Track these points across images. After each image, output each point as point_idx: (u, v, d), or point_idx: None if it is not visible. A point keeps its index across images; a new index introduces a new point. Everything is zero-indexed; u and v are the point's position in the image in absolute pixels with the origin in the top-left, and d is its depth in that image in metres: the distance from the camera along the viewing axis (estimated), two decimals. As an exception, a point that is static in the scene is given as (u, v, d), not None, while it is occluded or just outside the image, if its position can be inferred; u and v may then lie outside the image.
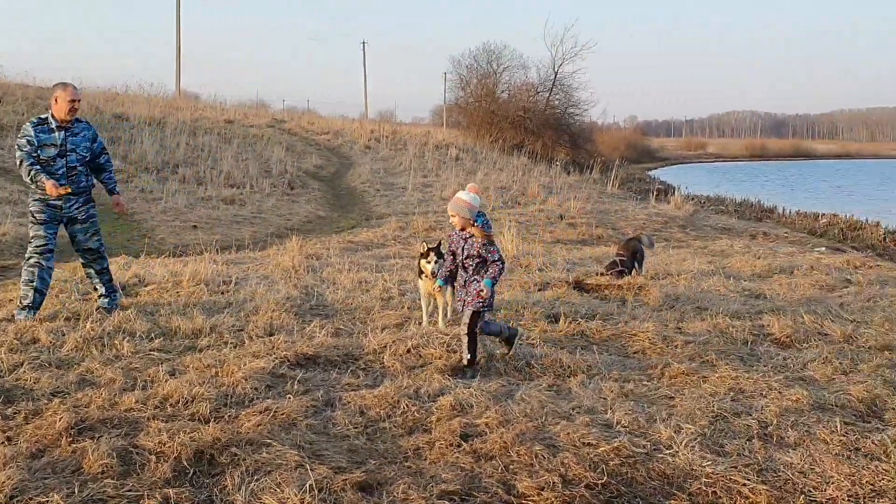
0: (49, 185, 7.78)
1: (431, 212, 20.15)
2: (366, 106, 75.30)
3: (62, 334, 7.31)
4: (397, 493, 4.35)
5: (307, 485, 4.29)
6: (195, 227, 16.98)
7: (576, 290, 9.91)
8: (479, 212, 6.85)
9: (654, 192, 27.48)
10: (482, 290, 6.63)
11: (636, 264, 11.12)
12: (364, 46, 79.65)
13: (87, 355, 6.82)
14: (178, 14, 51.81)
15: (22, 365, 6.44)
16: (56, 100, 8.02)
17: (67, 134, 8.10)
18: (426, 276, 7.92)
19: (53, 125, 8.05)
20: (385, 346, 7.05)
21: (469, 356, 6.63)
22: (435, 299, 8.14)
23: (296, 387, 6.06)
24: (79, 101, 8.19)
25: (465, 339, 6.65)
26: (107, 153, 8.64)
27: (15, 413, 5.44)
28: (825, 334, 8.00)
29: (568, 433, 5.11)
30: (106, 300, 8.43)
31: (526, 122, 44.60)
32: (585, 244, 16.13)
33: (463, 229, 6.86)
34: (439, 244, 8.13)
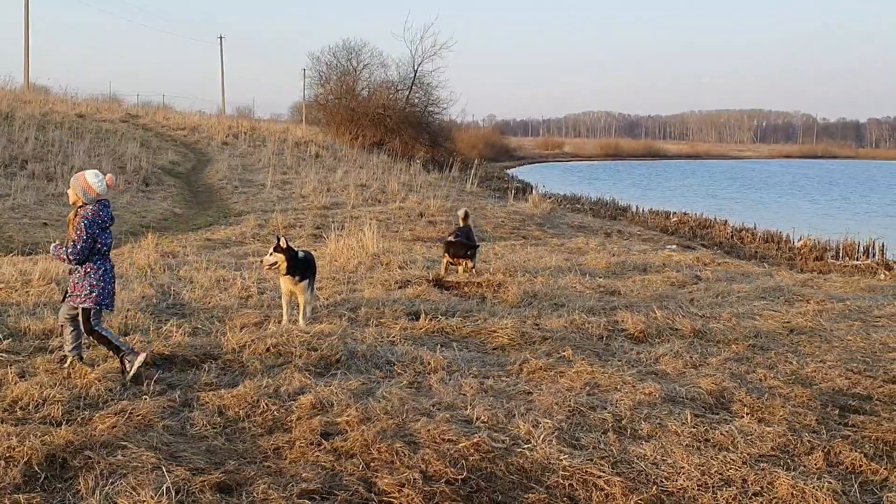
0: None
1: (291, 209, 20.00)
2: (223, 102, 73.86)
3: None
4: (257, 494, 4.32)
5: (164, 487, 4.22)
6: (45, 224, 16.36)
7: (436, 288, 10.00)
8: (102, 199, 6.41)
9: (513, 191, 27.97)
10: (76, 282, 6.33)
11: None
12: (221, 41, 77.91)
13: (-72, 359, 6.50)
14: (27, 4, 49.63)
15: None
16: None
17: None
18: (276, 272, 7.92)
19: None
20: (244, 345, 6.98)
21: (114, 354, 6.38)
22: (295, 297, 8.10)
23: (152, 387, 5.93)
24: None
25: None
26: None
27: None
28: (676, 329, 8.33)
29: (428, 430, 5.18)
30: None
31: (386, 120, 44.59)
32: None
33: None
34: (279, 238, 8.06)
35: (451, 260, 10.91)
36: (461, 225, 11.71)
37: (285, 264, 7.87)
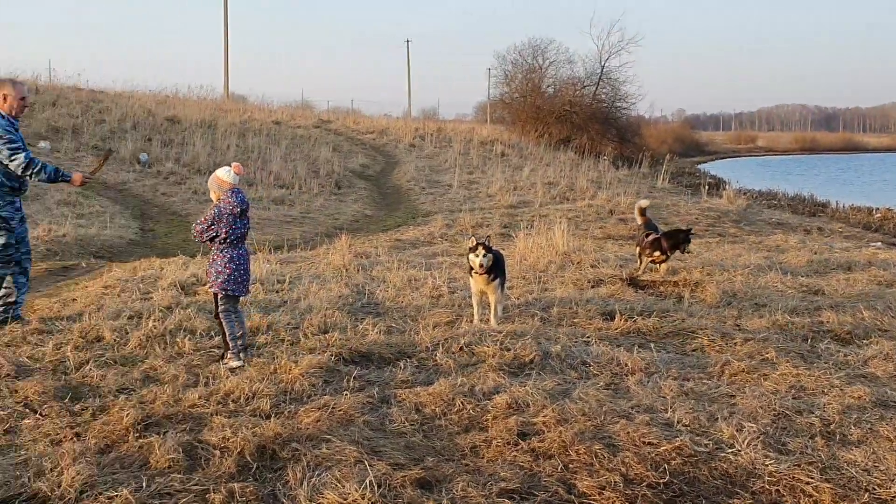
0: (79, 176, 7.80)
1: (478, 208, 20.14)
2: (409, 104, 75.73)
3: (126, 332, 7.40)
4: (457, 491, 4.33)
5: (367, 480, 4.28)
6: (247, 226, 17.10)
7: (630, 287, 9.82)
8: (234, 188, 6.74)
9: (706, 187, 27.19)
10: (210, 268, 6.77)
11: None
12: (408, 45, 79.78)
13: (151, 353, 6.91)
14: (226, 17, 52.35)
15: (88, 363, 6.54)
16: (6, 97, 7.65)
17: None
18: (476, 272, 7.91)
19: (15, 123, 7.78)
20: (438, 344, 7.05)
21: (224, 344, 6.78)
22: (486, 296, 8.12)
23: (351, 383, 6.08)
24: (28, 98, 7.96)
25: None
26: None
27: (83, 410, 5.52)
28: (885, 330, 7.87)
29: (628, 432, 5.06)
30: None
31: (572, 117, 44.37)
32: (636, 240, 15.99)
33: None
34: (488, 238, 8.10)
35: (658, 258, 10.65)
36: (639, 221, 11.49)
37: (490, 264, 7.88)
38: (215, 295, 6.72)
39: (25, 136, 8.23)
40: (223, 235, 6.62)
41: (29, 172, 7.61)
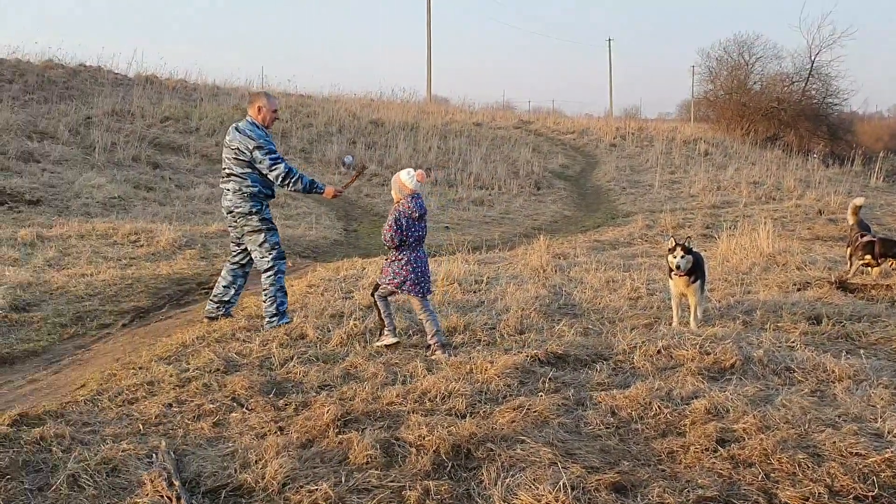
0: (331, 189, 8.13)
1: (679, 209, 19.73)
2: (610, 103, 74.56)
3: (328, 330, 7.69)
4: (652, 496, 4.27)
5: (561, 483, 4.29)
6: (447, 228, 17.49)
7: (839, 290, 9.37)
8: (414, 193, 7.15)
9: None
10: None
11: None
12: (609, 44, 78.96)
13: (351, 351, 7.15)
14: (429, 22, 53.57)
15: (292, 359, 6.85)
16: (260, 109, 8.00)
17: None
18: (675, 274, 7.77)
19: (270, 135, 8.11)
20: (635, 347, 6.96)
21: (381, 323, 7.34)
22: (685, 298, 7.96)
23: (547, 385, 6.09)
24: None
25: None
26: None
27: (286, 405, 5.79)
28: None
29: (833, 442, 4.84)
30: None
31: (779, 114, 42.76)
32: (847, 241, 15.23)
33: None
34: (688, 239, 7.94)
35: (870, 262, 10.14)
36: (850, 221, 10.93)
37: (689, 266, 7.74)
38: (383, 288, 7.21)
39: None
40: (405, 237, 7.01)
41: (287, 182, 7.94)
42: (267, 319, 8.01)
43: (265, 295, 8.05)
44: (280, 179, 7.91)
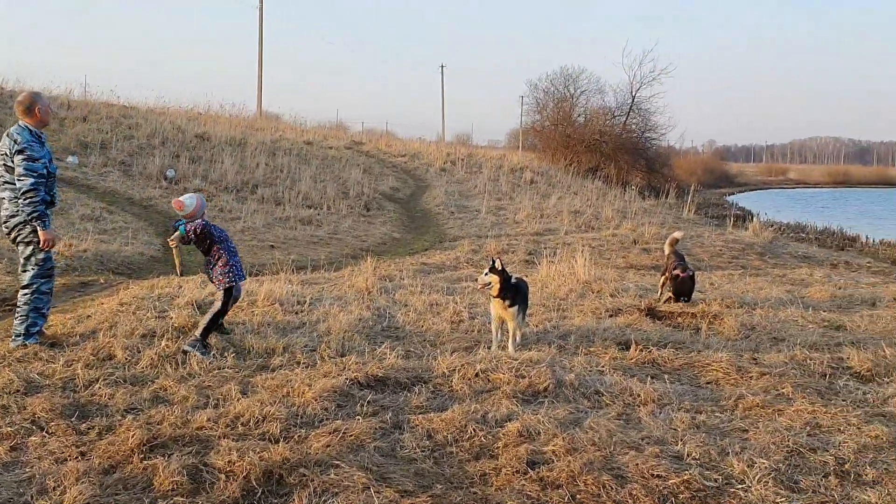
0: (48, 237, 7.54)
1: (504, 235, 20.18)
2: (443, 128, 76.07)
3: (138, 351, 7.46)
4: (463, 519, 4.34)
5: (373, 507, 4.30)
6: (272, 246, 17.27)
7: (648, 318, 9.78)
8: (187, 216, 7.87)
9: (732, 218, 27.02)
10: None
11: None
12: (442, 70, 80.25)
13: (162, 372, 6.95)
14: (261, 36, 52.97)
15: (97, 381, 6.60)
16: (38, 110, 7.55)
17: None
18: (492, 296, 7.94)
19: (42, 138, 7.61)
20: (454, 370, 7.05)
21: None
22: (505, 323, 8.13)
23: (365, 408, 6.10)
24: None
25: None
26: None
27: (89, 428, 5.58)
28: (907, 368, 7.75)
29: (637, 464, 5.04)
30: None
31: (602, 146, 44.55)
32: (660, 270, 15.92)
33: None
34: (498, 259, 8.07)
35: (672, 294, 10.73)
36: (667, 251, 11.50)
37: (497, 286, 7.90)
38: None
39: (54, 151, 8.25)
40: None
41: (26, 199, 7.37)
42: (13, 337, 7.66)
43: (18, 312, 7.69)
44: (22, 192, 7.37)
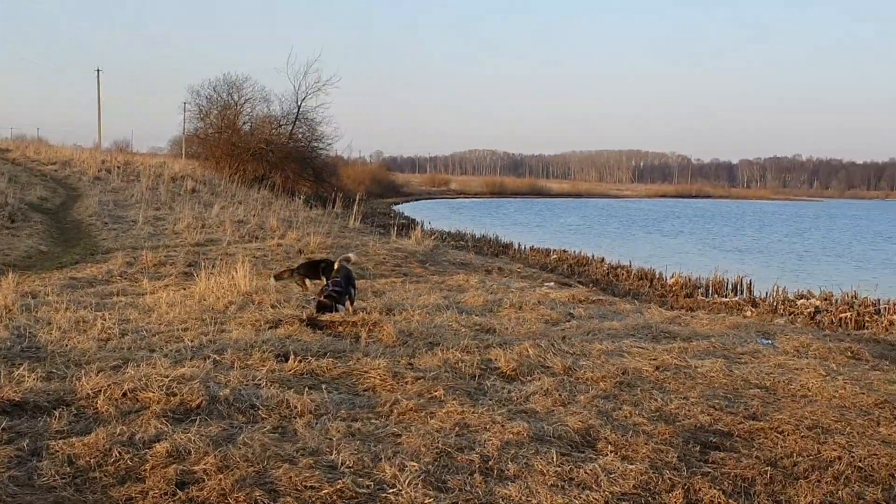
0: None
1: (163, 246, 19.53)
2: (99, 135, 72.34)
3: None
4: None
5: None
6: None
7: (309, 328, 9.80)
8: None
9: (396, 227, 27.93)
10: None
11: (351, 290, 11.22)
12: (98, 74, 76.10)
13: None
14: None
15: None
16: None
17: None
18: None
19: None
20: (100, 391, 6.66)
21: None
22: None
23: (0, 436, 5.63)
24: None
25: None
26: None
27: None
28: (547, 367, 8.31)
29: (290, 476, 5.03)
30: None
31: (268, 155, 44.40)
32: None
33: None
34: None
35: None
36: (336, 266, 11.63)
37: None
38: None
39: None
40: None
41: None
42: None
43: None
44: None
